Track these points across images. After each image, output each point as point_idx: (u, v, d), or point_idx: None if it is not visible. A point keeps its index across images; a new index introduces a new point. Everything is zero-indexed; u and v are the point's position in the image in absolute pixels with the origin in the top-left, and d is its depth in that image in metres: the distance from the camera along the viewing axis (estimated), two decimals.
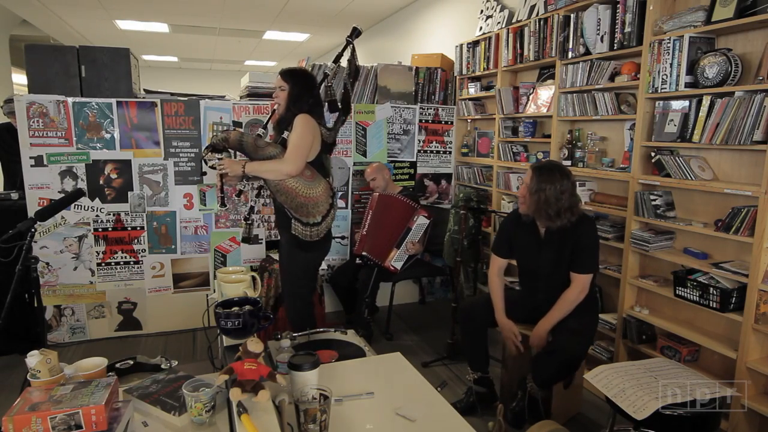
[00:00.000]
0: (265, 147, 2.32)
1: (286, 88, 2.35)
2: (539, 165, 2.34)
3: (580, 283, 2.26)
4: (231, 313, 1.62)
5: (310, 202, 2.31)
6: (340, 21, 6.37)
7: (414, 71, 4.04)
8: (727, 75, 2.14)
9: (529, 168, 2.34)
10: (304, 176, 2.29)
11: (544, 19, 3.15)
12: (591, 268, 2.27)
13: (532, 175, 2.28)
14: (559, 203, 2.21)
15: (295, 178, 2.27)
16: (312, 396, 1.21)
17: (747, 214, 2.09)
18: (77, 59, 3.16)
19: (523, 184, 2.34)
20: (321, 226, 2.36)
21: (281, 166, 2.22)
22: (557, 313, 2.27)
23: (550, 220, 2.24)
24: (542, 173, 2.26)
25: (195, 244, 3.52)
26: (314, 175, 2.33)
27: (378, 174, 3.55)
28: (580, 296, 2.27)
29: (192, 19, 6.54)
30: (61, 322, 3.33)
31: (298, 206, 2.31)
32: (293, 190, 2.28)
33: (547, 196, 2.21)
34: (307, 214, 2.32)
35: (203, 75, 11.67)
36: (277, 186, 2.30)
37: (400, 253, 3.35)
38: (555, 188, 2.21)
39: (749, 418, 2.13)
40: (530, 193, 2.26)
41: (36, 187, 3.14)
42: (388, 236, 3.38)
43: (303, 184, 2.28)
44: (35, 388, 1.20)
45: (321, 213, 2.35)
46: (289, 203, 2.32)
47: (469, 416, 2.43)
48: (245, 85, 3.69)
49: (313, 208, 2.32)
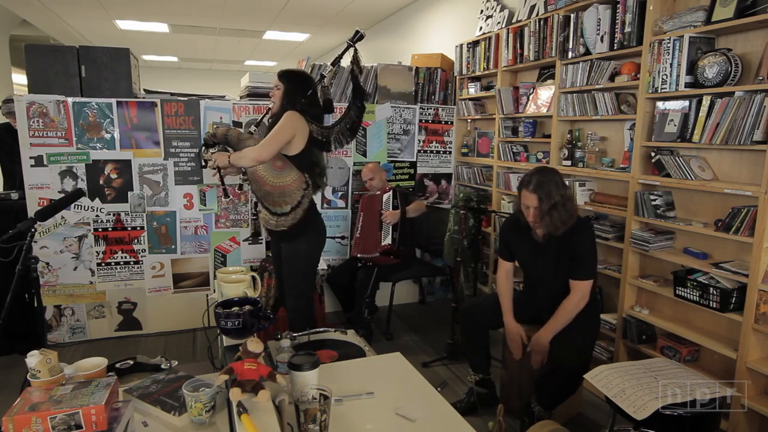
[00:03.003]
0: (247, 139, 2.50)
1: (281, 87, 2.44)
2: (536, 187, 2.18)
3: (579, 291, 2.23)
4: (231, 313, 1.62)
5: (275, 191, 2.40)
6: (340, 21, 6.37)
7: (414, 71, 4.04)
8: (727, 75, 2.14)
9: (527, 193, 2.20)
10: (274, 166, 2.39)
11: (544, 19, 3.15)
12: (590, 274, 2.24)
13: (536, 198, 2.17)
14: (569, 210, 2.19)
15: (265, 168, 2.38)
16: (312, 396, 1.21)
17: (747, 214, 2.08)
18: (77, 59, 3.16)
19: (528, 210, 2.22)
20: (288, 216, 2.43)
21: (250, 151, 2.34)
22: (558, 323, 2.23)
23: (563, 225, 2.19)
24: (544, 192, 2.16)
25: (195, 244, 3.52)
26: (285, 166, 2.40)
27: (376, 174, 3.57)
28: (580, 304, 2.22)
29: (192, 19, 6.54)
30: (61, 322, 3.33)
31: (265, 194, 2.44)
32: (261, 179, 2.40)
33: (559, 211, 2.17)
34: (273, 203, 2.43)
35: (203, 75, 11.67)
36: (251, 175, 2.44)
37: (384, 231, 3.36)
38: (560, 198, 2.17)
39: (749, 418, 2.13)
40: (542, 215, 2.18)
41: (36, 187, 3.14)
42: (372, 229, 3.43)
43: (271, 173, 2.39)
44: (35, 388, 1.20)
45: (288, 203, 2.42)
46: (257, 191, 2.46)
47: (469, 416, 2.43)
48: (245, 85, 3.70)
49: (279, 198, 2.41)
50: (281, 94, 2.43)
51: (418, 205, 3.48)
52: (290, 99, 2.41)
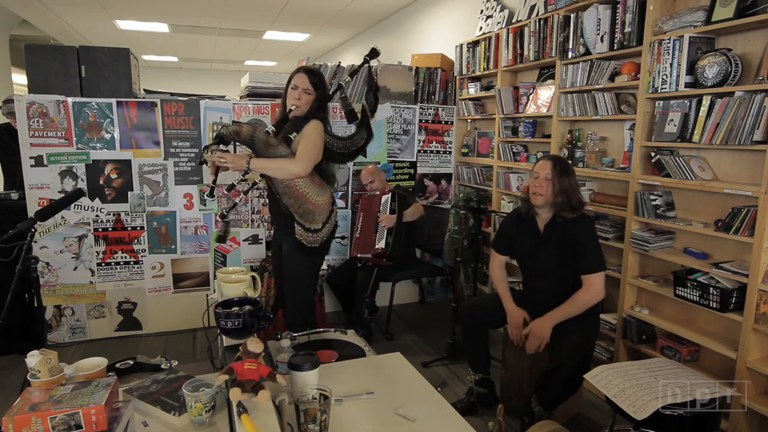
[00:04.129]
0: (277, 146, 2.28)
1: (313, 93, 2.31)
2: (552, 156, 2.33)
3: (592, 285, 2.20)
4: (231, 313, 1.62)
5: (317, 210, 2.33)
6: (340, 21, 6.37)
7: (414, 71, 4.04)
8: (727, 75, 2.14)
9: (543, 162, 2.29)
10: (314, 183, 2.32)
11: (544, 19, 3.15)
12: (597, 266, 2.22)
13: (552, 164, 2.25)
14: (578, 198, 2.25)
15: (307, 184, 2.29)
16: (312, 396, 1.21)
17: (747, 214, 2.08)
18: (77, 59, 3.16)
19: (537, 177, 2.27)
20: (322, 232, 2.38)
21: (290, 165, 2.21)
22: (563, 312, 2.21)
23: (571, 211, 2.23)
24: (561, 162, 2.28)
25: (195, 244, 3.52)
26: (322, 184, 2.37)
27: (375, 176, 3.57)
28: (594, 299, 2.21)
29: (192, 19, 6.54)
30: (61, 322, 3.33)
31: (305, 212, 2.32)
32: (303, 196, 2.29)
33: (571, 183, 2.23)
34: (311, 220, 2.34)
35: (203, 75, 11.67)
36: (286, 189, 2.29)
37: (378, 234, 3.35)
38: (571, 183, 2.24)
39: (749, 418, 2.13)
40: (554, 182, 2.22)
41: (36, 187, 3.14)
42: (370, 229, 3.42)
43: (313, 191, 2.31)
44: (35, 388, 1.20)
45: (322, 220, 2.37)
46: (296, 208, 2.32)
47: (469, 416, 2.43)
48: (245, 85, 3.70)
49: (318, 216, 2.35)
50: (312, 100, 2.31)
51: (415, 208, 3.45)
52: (322, 108, 2.33)
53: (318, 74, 2.34)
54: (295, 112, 2.31)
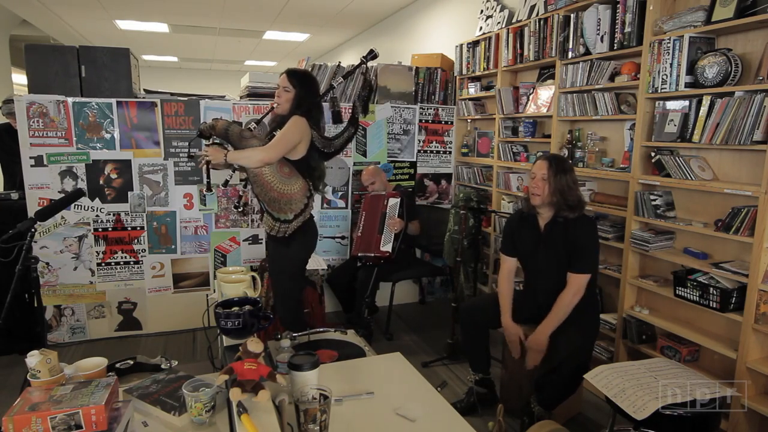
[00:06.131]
0: (250, 138, 2.39)
1: (291, 90, 2.37)
2: (549, 155, 2.34)
3: (574, 284, 2.23)
4: (231, 313, 1.62)
5: (283, 198, 2.37)
6: (340, 21, 6.37)
7: (414, 71, 4.04)
8: (727, 75, 2.14)
9: (539, 162, 2.31)
10: (282, 172, 2.35)
11: (544, 19, 3.15)
12: (586, 268, 2.24)
13: (547, 164, 2.27)
14: (577, 196, 2.25)
15: (273, 173, 2.33)
16: (312, 396, 1.21)
17: (747, 214, 2.08)
18: (77, 59, 3.16)
19: (534, 178, 2.30)
20: (291, 223, 2.41)
21: (256, 152, 2.27)
22: (554, 319, 2.24)
23: (569, 210, 2.24)
24: (557, 161, 2.28)
25: (195, 244, 3.52)
26: (292, 174, 2.38)
27: (376, 177, 3.57)
28: (574, 299, 2.23)
29: (192, 19, 6.54)
30: (61, 322, 3.33)
31: (270, 200, 2.39)
32: (268, 184, 2.35)
33: (568, 181, 2.24)
34: (278, 209, 2.39)
35: (203, 75, 11.67)
36: (255, 177, 2.37)
37: (385, 237, 3.35)
38: (569, 180, 2.25)
39: (749, 418, 2.13)
40: (550, 181, 2.24)
41: (36, 187, 3.14)
42: (373, 229, 3.42)
43: (279, 180, 2.35)
44: (35, 388, 1.20)
45: (293, 211, 2.40)
46: (262, 195, 2.41)
47: (469, 416, 2.43)
48: (245, 85, 3.70)
49: (285, 205, 2.38)
50: (291, 98, 2.37)
51: (415, 226, 3.53)
52: (300, 104, 2.36)
53: (298, 75, 2.40)
54: (277, 110, 2.42)
